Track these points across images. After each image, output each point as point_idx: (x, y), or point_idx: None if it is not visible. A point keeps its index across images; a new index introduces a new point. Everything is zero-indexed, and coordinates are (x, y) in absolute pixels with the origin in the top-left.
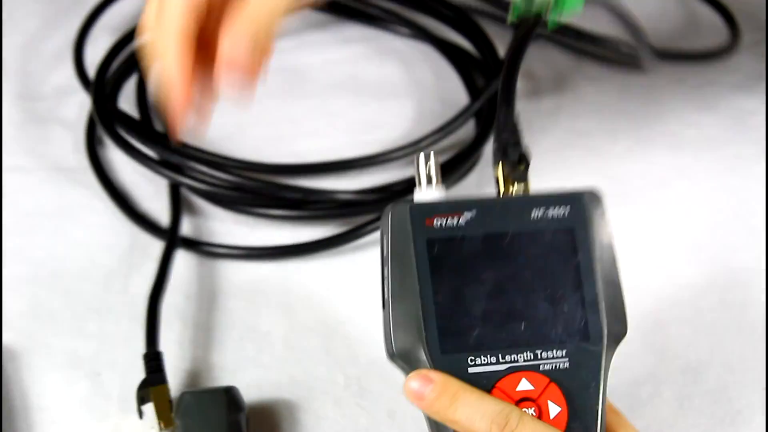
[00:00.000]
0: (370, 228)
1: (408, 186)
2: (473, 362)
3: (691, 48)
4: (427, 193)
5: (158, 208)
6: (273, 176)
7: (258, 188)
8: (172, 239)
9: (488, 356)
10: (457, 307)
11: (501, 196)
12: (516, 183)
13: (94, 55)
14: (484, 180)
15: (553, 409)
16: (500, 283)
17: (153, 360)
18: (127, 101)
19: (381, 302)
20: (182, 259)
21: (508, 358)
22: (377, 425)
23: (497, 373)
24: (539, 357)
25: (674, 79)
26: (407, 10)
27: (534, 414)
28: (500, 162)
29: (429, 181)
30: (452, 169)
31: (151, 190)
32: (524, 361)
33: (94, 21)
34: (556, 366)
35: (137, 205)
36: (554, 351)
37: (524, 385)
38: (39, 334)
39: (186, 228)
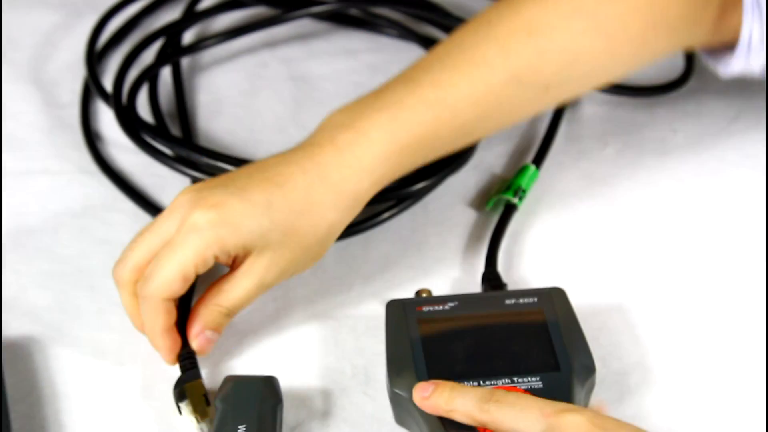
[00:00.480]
0: (385, 216)
1: (417, 175)
2: None
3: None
4: None
5: None
6: None
7: None
8: None
9: (470, 381)
10: (443, 353)
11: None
12: None
13: (113, 61)
14: (481, 168)
15: None
16: (479, 339)
17: (187, 359)
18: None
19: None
20: None
21: (488, 382)
22: (382, 412)
23: None
24: (515, 381)
25: None
26: (407, 18)
27: None
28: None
29: None
30: (451, 159)
31: (171, 191)
32: (503, 383)
33: (102, 31)
34: (530, 386)
35: (160, 205)
36: (529, 377)
37: None
38: (66, 327)
39: None
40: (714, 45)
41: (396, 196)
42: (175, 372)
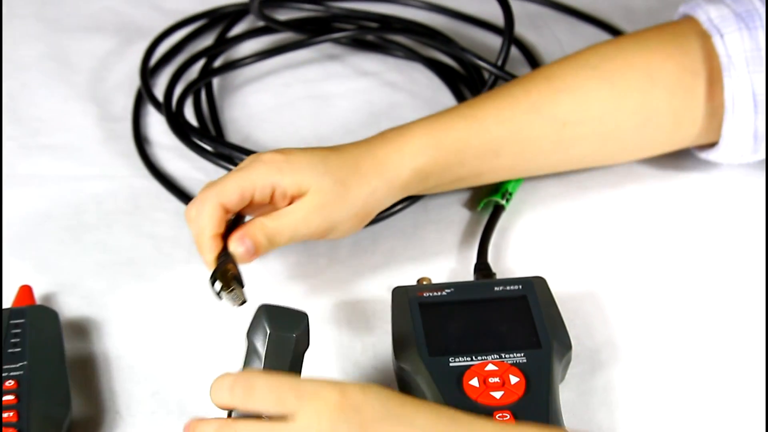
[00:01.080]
0: (394, 210)
1: None
2: (453, 360)
3: None
4: None
5: None
6: None
7: None
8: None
9: (464, 357)
10: (441, 332)
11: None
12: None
13: (160, 80)
14: None
15: (513, 379)
16: (472, 320)
17: (223, 256)
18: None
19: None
20: None
21: (479, 357)
22: (388, 382)
23: (471, 363)
24: (503, 357)
25: None
26: (415, 43)
27: (498, 381)
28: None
29: None
30: None
31: None
32: (492, 359)
33: (152, 53)
34: (516, 361)
35: None
36: (514, 353)
37: (491, 366)
38: (117, 309)
39: None
40: (710, 131)
41: None
42: (212, 342)
